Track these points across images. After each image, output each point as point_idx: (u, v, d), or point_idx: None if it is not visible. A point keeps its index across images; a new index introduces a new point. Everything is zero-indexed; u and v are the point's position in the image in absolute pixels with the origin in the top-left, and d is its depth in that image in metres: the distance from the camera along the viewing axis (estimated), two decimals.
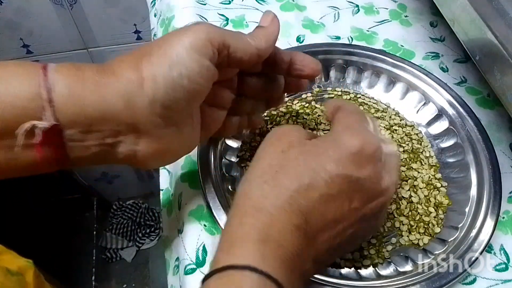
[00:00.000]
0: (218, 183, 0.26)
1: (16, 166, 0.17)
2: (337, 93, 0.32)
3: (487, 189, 0.26)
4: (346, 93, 0.32)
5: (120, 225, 0.92)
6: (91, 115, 0.17)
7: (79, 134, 0.17)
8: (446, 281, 0.23)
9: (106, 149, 0.18)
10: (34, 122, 0.16)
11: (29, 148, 0.16)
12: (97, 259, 0.86)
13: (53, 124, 0.16)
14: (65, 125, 0.16)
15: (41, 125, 0.16)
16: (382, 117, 0.30)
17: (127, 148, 0.19)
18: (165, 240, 0.28)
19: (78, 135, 0.17)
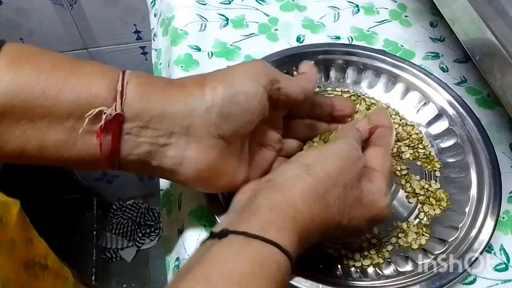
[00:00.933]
0: None
1: (70, 152, 0.18)
2: (337, 93, 0.32)
3: (487, 189, 0.26)
4: (346, 93, 0.32)
5: (120, 225, 0.92)
6: (152, 112, 0.18)
7: (136, 129, 0.18)
8: (446, 281, 0.23)
9: (156, 149, 0.19)
10: (103, 108, 0.17)
11: (89, 134, 0.18)
12: (97, 259, 0.86)
13: (118, 113, 0.18)
14: (128, 118, 0.18)
15: (108, 111, 0.17)
16: None
17: (176, 152, 0.19)
18: (165, 240, 0.28)
19: (135, 129, 0.18)
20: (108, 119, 0.17)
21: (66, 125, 0.17)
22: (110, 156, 0.18)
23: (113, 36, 0.61)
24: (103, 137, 0.18)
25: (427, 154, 0.29)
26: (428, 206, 0.27)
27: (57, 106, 0.17)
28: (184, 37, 0.35)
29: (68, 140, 0.18)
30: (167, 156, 0.19)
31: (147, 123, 0.18)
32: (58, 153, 0.18)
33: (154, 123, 0.18)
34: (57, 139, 0.18)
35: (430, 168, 0.29)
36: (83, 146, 0.18)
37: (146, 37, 0.61)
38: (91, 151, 0.18)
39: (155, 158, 0.19)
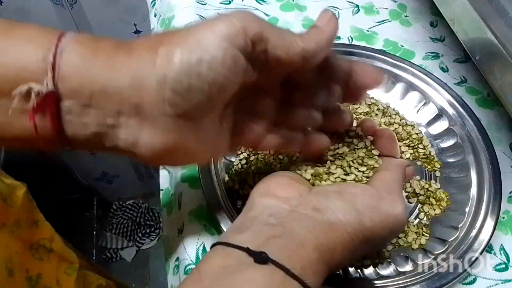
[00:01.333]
0: (219, 183, 0.26)
1: (11, 132, 0.16)
2: None
3: (487, 189, 0.26)
4: None
5: (120, 225, 0.91)
6: (93, 87, 0.15)
7: (77, 107, 0.15)
8: (446, 281, 0.23)
9: (106, 131, 0.16)
10: (31, 85, 0.15)
11: (24, 114, 0.15)
12: (97, 259, 0.86)
13: (50, 90, 0.15)
14: (64, 94, 0.15)
15: (36, 88, 0.15)
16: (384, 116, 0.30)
17: (128, 134, 0.16)
18: (165, 240, 0.28)
19: (76, 108, 0.15)
20: (40, 97, 0.15)
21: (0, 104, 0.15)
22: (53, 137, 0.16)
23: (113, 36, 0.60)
24: (39, 119, 0.15)
25: (427, 154, 0.29)
26: (428, 206, 0.27)
27: None
28: None
29: (5, 121, 0.15)
30: (119, 138, 0.16)
31: (89, 100, 0.15)
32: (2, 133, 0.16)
33: (96, 100, 0.15)
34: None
35: (430, 168, 0.29)
36: (22, 127, 0.15)
37: None
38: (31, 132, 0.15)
39: (106, 140, 0.16)
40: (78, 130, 0.16)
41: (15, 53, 0.15)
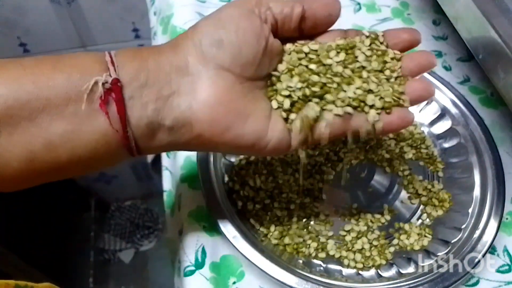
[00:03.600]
0: (218, 184, 0.26)
1: (81, 139, 0.17)
2: None
3: (491, 190, 0.26)
4: None
5: (118, 227, 0.91)
6: (148, 67, 0.18)
7: (138, 90, 0.17)
8: (449, 283, 0.22)
9: (163, 104, 0.18)
10: (98, 78, 0.17)
11: (93, 113, 0.17)
12: (95, 260, 0.86)
13: (114, 78, 0.17)
14: (125, 82, 0.17)
15: (102, 79, 0.17)
16: None
17: (181, 98, 0.18)
18: (168, 242, 0.27)
19: (137, 90, 0.17)
20: (106, 87, 0.17)
21: (67, 112, 0.16)
22: (121, 126, 0.17)
23: (111, 34, 0.60)
24: (107, 108, 0.17)
25: (430, 154, 0.29)
26: (430, 207, 0.27)
27: (51, 94, 0.16)
28: None
29: (74, 128, 0.17)
30: (175, 106, 0.18)
31: (145, 79, 0.17)
32: (70, 144, 0.17)
33: (151, 77, 0.17)
34: (63, 130, 0.16)
35: (433, 169, 0.28)
36: (92, 128, 0.17)
37: (145, 35, 0.61)
38: (102, 130, 0.17)
39: (165, 115, 0.18)
40: (140, 112, 0.17)
41: (75, 63, 0.17)
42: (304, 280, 0.22)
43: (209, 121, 0.18)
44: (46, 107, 0.16)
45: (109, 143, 0.17)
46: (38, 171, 0.17)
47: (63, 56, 0.17)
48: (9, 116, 0.16)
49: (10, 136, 0.16)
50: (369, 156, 0.29)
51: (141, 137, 0.18)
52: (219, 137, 0.18)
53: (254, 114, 0.19)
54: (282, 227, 0.25)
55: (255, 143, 0.19)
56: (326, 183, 0.28)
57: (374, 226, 0.26)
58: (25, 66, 0.17)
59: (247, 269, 0.24)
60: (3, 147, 0.16)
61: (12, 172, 0.17)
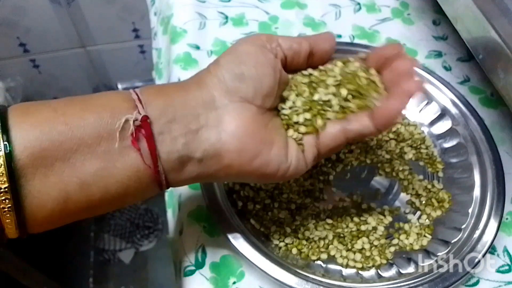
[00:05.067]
0: (218, 184, 0.26)
1: (114, 175, 0.17)
2: None
3: (491, 190, 0.26)
4: None
5: (118, 227, 0.91)
6: (174, 103, 0.18)
7: (166, 125, 0.18)
8: (449, 283, 0.22)
9: (192, 138, 0.18)
10: (128, 116, 0.17)
11: (125, 150, 0.17)
12: (95, 261, 0.85)
13: (144, 115, 0.18)
14: (154, 118, 0.18)
15: (133, 116, 0.17)
16: None
17: (210, 131, 0.19)
18: (170, 243, 0.27)
19: (165, 126, 0.18)
20: (136, 125, 0.17)
21: (100, 151, 0.17)
22: (152, 162, 0.18)
23: (111, 34, 0.60)
24: (139, 144, 0.17)
25: (430, 155, 0.29)
26: (430, 207, 0.27)
27: (84, 134, 0.17)
28: (183, 35, 0.34)
29: (107, 166, 0.17)
30: (204, 139, 0.19)
31: (173, 115, 0.18)
32: (103, 183, 0.17)
33: (179, 112, 0.18)
34: (96, 169, 0.17)
35: (432, 169, 0.28)
36: (124, 165, 0.17)
37: (144, 35, 0.61)
38: (134, 166, 0.18)
39: (194, 148, 0.18)
40: (169, 147, 0.18)
41: (104, 103, 0.18)
42: (304, 280, 0.22)
43: (238, 151, 0.19)
44: (79, 147, 0.17)
45: (140, 179, 0.18)
46: (71, 211, 0.17)
47: (91, 96, 0.18)
48: (44, 158, 0.16)
49: (46, 177, 0.16)
50: (370, 156, 0.29)
51: (171, 171, 0.19)
52: (247, 166, 0.19)
53: (276, 141, 0.20)
54: (283, 228, 0.25)
55: (279, 169, 0.20)
56: (326, 183, 0.28)
57: (376, 226, 0.26)
58: (56, 108, 0.17)
59: (247, 269, 0.24)
60: (38, 189, 0.16)
61: (46, 213, 0.17)
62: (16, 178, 0.15)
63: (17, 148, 0.15)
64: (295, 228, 0.25)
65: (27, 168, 0.16)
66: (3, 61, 0.61)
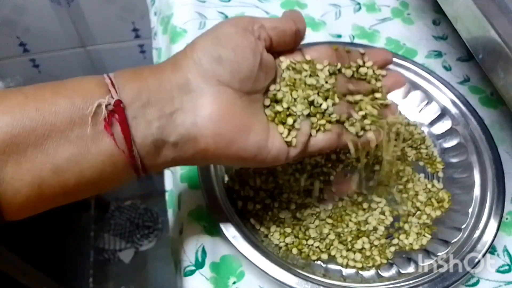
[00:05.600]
0: (218, 183, 0.26)
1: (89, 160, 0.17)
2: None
3: (491, 189, 0.26)
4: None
5: (118, 226, 0.91)
6: (148, 86, 0.18)
7: (140, 110, 0.18)
8: (449, 283, 0.22)
9: (166, 121, 0.18)
10: (101, 100, 0.17)
11: (98, 135, 0.17)
12: (95, 260, 0.85)
13: (117, 99, 0.17)
14: (127, 102, 0.17)
15: (105, 101, 0.17)
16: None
17: (185, 115, 0.18)
18: (170, 242, 0.27)
19: (140, 110, 0.18)
20: (109, 109, 0.17)
21: (73, 136, 0.17)
22: (127, 146, 0.17)
23: (111, 34, 0.60)
24: (112, 129, 0.17)
25: (430, 154, 0.29)
26: (430, 207, 0.27)
27: (56, 118, 0.16)
28: (183, 35, 0.34)
29: (80, 151, 0.17)
30: (179, 123, 0.18)
31: (147, 98, 0.18)
32: (77, 168, 0.17)
33: (153, 96, 0.18)
34: (69, 154, 0.17)
35: (432, 169, 0.28)
36: (98, 150, 0.17)
37: (145, 35, 0.61)
38: (108, 151, 0.17)
39: (169, 132, 0.18)
40: (145, 131, 0.18)
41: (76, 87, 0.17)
42: (304, 280, 0.22)
43: (214, 135, 0.19)
44: (51, 132, 0.16)
45: (115, 163, 0.18)
46: (46, 197, 0.17)
47: (63, 81, 0.18)
48: (16, 145, 0.16)
49: (18, 164, 0.16)
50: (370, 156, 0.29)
51: (147, 155, 0.18)
52: (223, 151, 0.19)
53: (254, 126, 0.19)
54: (283, 227, 0.25)
55: (256, 155, 0.19)
56: (326, 183, 0.28)
57: (376, 226, 0.26)
58: (26, 93, 0.17)
59: (247, 269, 0.24)
60: (11, 176, 0.16)
61: (21, 200, 0.16)
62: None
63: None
64: (296, 228, 0.25)
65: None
66: (3, 60, 0.60)
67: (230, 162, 0.20)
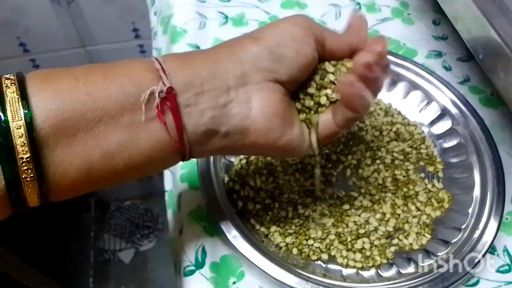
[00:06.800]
0: (218, 184, 0.26)
1: (138, 146, 0.17)
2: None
3: (491, 189, 0.26)
4: None
5: (118, 226, 0.91)
6: (202, 74, 0.18)
7: (193, 98, 0.18)
8: (449, 283, 0.22)
9: (220, 112, 0.18)
10: (153, 87, 0.17)
11: (149, 122, 0.17)
12: (95, 260, 0.85)
13: (168, 87, 0.17)
14: (179, 90, 0.17)
15: (158, 88, 0.17)
16: (386, 116, 0.30)
17: (240, 107, 0.18)
18: (170, 242, 0.27)
19: (192, 98, 0.18)
20: (161, 96, 0.17)
21: (123, 122, 0.17)
22: (178, 134, 0.17)
23: (111, 34, 0.60)
24: (164, 117, 0.17)
25: (430, 154, 0.29)
26: (430, 207, 0.27)
27: (107, 104, 0.16)
28: (183, 35, 0.34)
29: (131, 137, 0.17)
30: (233, 114, 0.18)
31: (200, 87, 0.18)
32: (126, 153, 0.17)
33: (207, 85, 0.18)
34: (120, 140, 0.17)
35: (432, 169, 0.28)
36: (148, 136, 0.17)
37: (144, 35, 0.61)
38: (158, 137, 0.17)
39: (222, 122, 0.18)
40: (196, 120, 0.18)
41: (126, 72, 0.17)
42: (304, 280, 0.22)
43: (266, 130, 0.19)
44: (102, 117, 0.16)
45: (164, 150, 0.18)
46: (93, 179, 0.17)
47: (112, 65, 0.18)
48: (66, 128, 0.16)
49: (68, 147, 0.16)
50: (370, 157, 0.29)
51: (196, 143, 0.18)
52: (272, 144, 0.19)
53: (296, 122, 0.20)
54: (283, 228, 0.25)
55: (296, 148, 0.20)
56: (327, 183, 0.28)
57: (377, 226, 0.26)
58: (77, 76, 0.16)
59: (247, 269, 0.24)
60: (60, 158, 0.16)
61: (68, 182, 0.16)
62: (38, 148, 0.15)
63: (38, 117, 0.15)
64: (296, 228, 0.25)
65: (49, 138, 0.15)
66: (3, 60, 0.60)
67: (273, 154, 0.21)
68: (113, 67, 0.17)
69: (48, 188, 0.16)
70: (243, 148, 0.20)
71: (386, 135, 0.29)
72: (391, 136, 0.29)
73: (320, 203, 0.27)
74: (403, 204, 0.27)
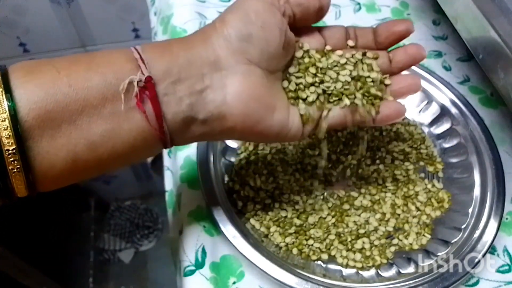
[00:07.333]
0: (218, 184, 0.26)
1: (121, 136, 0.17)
2: None
3: (491, 189, 0.26)
4: None
5: (118, 226, 0.91)
6: (179, 62, 0.18)
7: (171, 86, 0.18)
8: (449, 283, 0.22)
9: (196, 99, 0.18)
10: (132, 77, 0.17)
11: (130, 111, 0.17)
12: (95, 260, 0.85)
13: (146, 76, 0.17)
14: (158, 79, 0.17)
15: (136, 78, 0.17)
16: None
17: (215, 93, 0.18)
18: (170, 242, 0.27)
19: (170, 87, 0.18)
20: (140, 86, 0.17)
21: (105, 112, 0.17)
22: (158, 123, 0.18)
23: (111, 34, 0.60)
24: (144, 106, 0.17)
25: (430, 154, 0.29)
26: (430, 207, 0.27)
27: (89, 94, 0.16)
28: (183, 35, 0.34)
29: (113, 127, 0.17)
30: (209, 101, 0.18)
31: (177, 75, 0.18)
32: (110, 143, 0.17)
33: (184, 72, 0.18)
34: (103, 130, 0.17)
35: (432, 169, 0.28)
36: (130, 126, 0.17)
37: (145, 35, 0.61)
38: (139, 127, 0.17)
39: (199, 109, 0.18)
40: (175, 107, 0.18)
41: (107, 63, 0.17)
42: (304, 280, 0.22)
43: (243, 115, 0.19)
44: (84, 108, 0.16)
45: (146, 139, 0.18)
46: (80, 170, 0.17)
47: (94, 55, 0.18)
48: (51, 120, 0.16)
49: (53, 139, 0.16)
50: (370, 157, 0.29)
51: (176, 131, 0.18)
52: (250, 129, 0.19)
53: (278, 105, 0.20)
54: (283, 228, 0.25)
55: (280, 132, 0.20)
56: (327, 183, 0.28)
57: (377, 226, 0.26)
58: (59, 68, 0.17)
59: (247, 269, 0.24)
60: (46, 150, 0.16)
61: (55, 173, 0.17)
62: (24, 139, 0.15)
63: (22, 110, 0.15)
64: (296, 228, 0.25)
65: (33, 129, 0.16)
66: (3, 61, 0.60)
67: (254, 139, 0.21)
68: (95, 57, 0.18)
69: (35, 179, 0.16)
70: (223, 134, 0.20)
71: (386, 135, 0.29)
72: (391, 136, 0.29)
73: (320, 203, 0.27)
74: (403, 204, 0.27)
